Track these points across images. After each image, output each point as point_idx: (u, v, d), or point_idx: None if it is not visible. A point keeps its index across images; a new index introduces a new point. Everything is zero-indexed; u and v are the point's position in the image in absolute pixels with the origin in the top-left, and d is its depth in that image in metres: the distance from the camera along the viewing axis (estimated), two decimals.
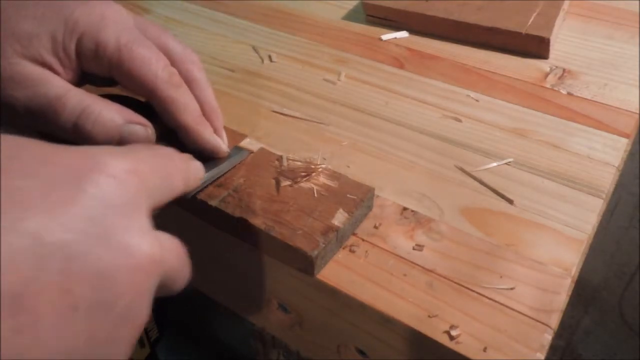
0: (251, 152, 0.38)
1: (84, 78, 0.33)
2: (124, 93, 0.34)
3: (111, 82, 0.34)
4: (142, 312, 0.21)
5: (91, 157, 0.21)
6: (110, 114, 0.30)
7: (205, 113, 0.34)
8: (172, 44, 0.34)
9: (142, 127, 0.31)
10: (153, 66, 0.31)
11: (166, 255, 0.22)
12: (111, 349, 0.20)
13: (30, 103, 0.30)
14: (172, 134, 0.34)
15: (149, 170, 0.23)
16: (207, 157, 0.34)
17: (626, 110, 0.44)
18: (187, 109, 0.33)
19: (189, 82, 0.34)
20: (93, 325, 0.19)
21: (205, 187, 0.34)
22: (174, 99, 0.32)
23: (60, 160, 0.20)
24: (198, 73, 0.34)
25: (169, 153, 0.26)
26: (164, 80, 0.32)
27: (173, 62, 0.33)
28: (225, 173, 0.36)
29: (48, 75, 0.30)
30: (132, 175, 0.21)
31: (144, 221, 0.21)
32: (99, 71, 0.32)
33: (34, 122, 0.30)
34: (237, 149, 0.38)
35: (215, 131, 0.35)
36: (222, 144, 0.35)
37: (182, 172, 0.26)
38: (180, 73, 0.33)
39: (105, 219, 0.19)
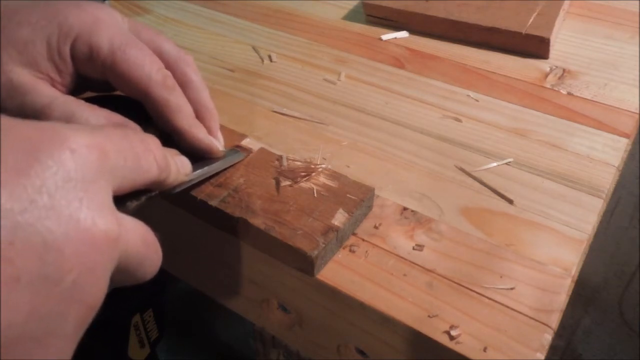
0: (249, 152, 0.38)
1: (82, 83, 0.33)
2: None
3: (111, 87, 0.34)
4: (93, 291, 0.20)
5: (52, 130, 0.20)
6: (97, 121, 0.30)
7: (200, 114, 0.34)
8: (167, 46, 0.34)
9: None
10: (147, 68, 0.31)
11: (126, 236, 0.22)
12: (55, 325, 0.19)
13: (19, 112, 0.29)
14: (168, 134, 0.34)
15: (113, 148, 0.22)
16: (203, 157, 0.34)
17: (626, 110, 0.44)
18: (180, 111, 0.32)
19: (183, 84, 0.33)
20: (36, 298, 0.18)
21: (197, 184, 0.34)
22: (167, 101, 0.32)
23: (20, 131, 0.19)
24: (193, 75, 0.34)
25: (142, 137, 0.25)
26: (158, 83, 0.31)
27: (167, 65, 0.33)
28: (219, 172, 0.36)
29: (37, 84, 0.30)
30: (92, 151, 0.21)
31: (102, 197, 0.21)
32: (94, 74, 0.32)
33: None
34: (234, 150, 0.37)
35: (210, 132, 0.34)
36: (216, 144, 0.35)
37: (155, 157, 0.25)
38: (175, 75, 0.33)
39: (58, 191, 0.19)
